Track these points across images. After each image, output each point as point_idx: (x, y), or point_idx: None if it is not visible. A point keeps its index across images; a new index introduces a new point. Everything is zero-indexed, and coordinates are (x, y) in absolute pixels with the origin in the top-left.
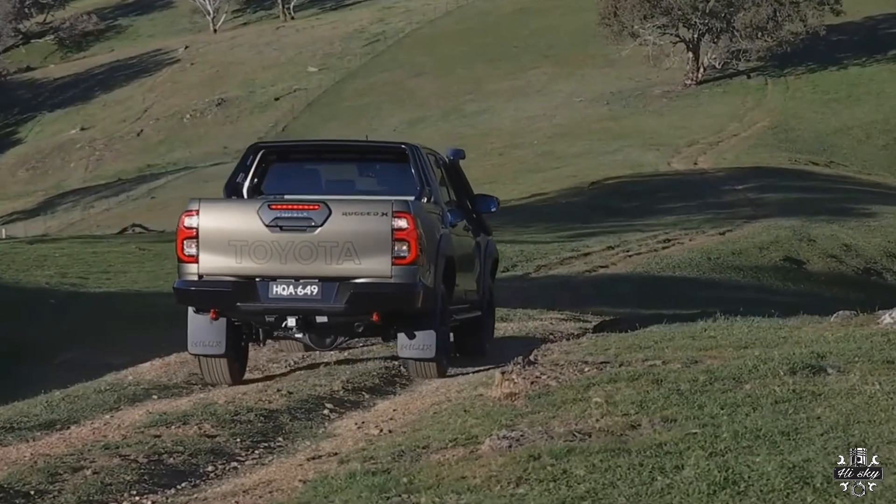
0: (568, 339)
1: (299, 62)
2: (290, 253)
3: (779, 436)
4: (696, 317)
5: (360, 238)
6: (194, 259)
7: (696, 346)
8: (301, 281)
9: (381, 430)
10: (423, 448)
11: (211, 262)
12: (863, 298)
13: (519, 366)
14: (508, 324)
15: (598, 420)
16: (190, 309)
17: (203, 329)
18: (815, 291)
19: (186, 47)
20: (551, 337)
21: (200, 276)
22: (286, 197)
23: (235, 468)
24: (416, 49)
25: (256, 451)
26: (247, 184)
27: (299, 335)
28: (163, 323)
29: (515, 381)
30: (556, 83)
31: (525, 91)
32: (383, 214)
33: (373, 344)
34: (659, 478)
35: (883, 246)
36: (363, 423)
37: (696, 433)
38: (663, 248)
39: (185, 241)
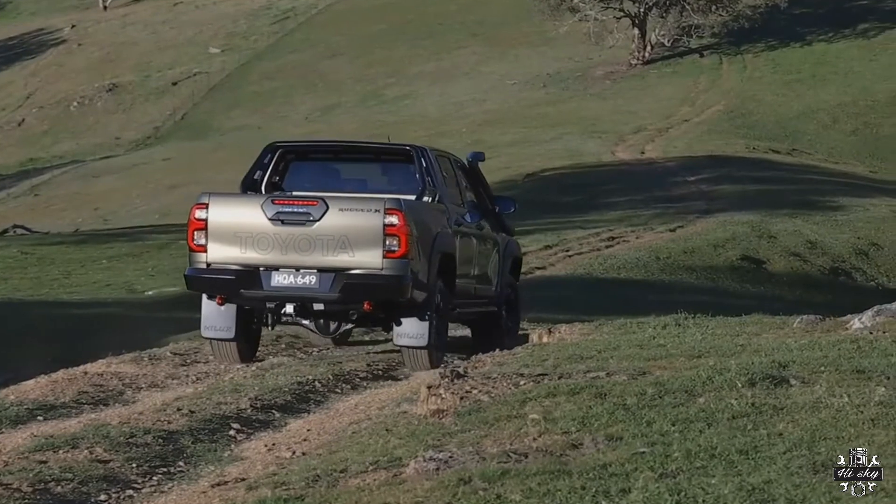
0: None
1: (200, 42)
2: (291, 245)
3: (736, 455)
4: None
5: (354, 232)
6: (203, 249)
7: (644, 356)
8: (301, 271)
9: (294, 453)
10: (341, 472)
11: (218, 252)
12: (829, 301)
13: (447, 379)
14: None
15: (535, 439)
16: (203, 295)
17: (215, 314)
18: (776, 294)
19: (73, 26)
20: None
21: (209, 265)
22: (287, 193)
23: (131, 497)
24: (330, 27)
25: (154, 478)
26: (265, 180)
27: (305, 321)
28: (48, 336)
29: (443, 396)
30: (486, 64)
31: (452, 73)
32: (376, 211)
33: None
34: (603, 502)
35: (852, 243)
36: (274, 444)
37: (644, 452)
38: (607, 246)
39: (195, 232)
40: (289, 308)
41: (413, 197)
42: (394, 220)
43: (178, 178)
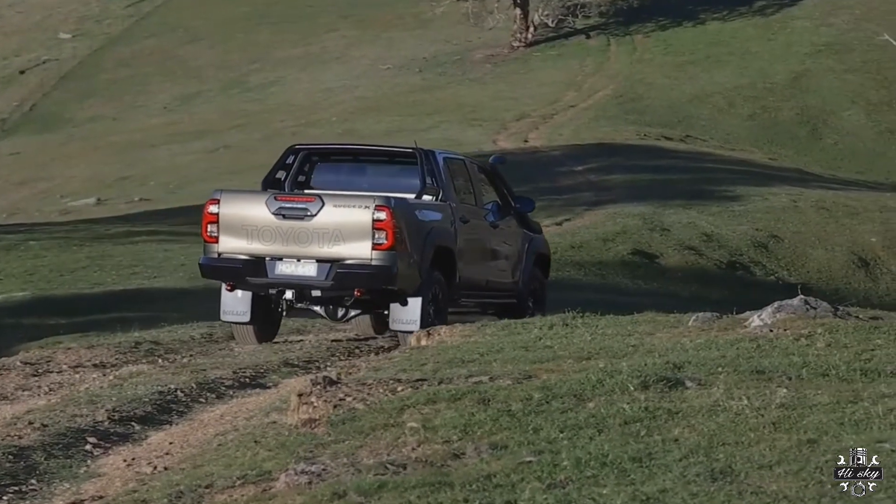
0: (377, 353)
1: (49, 27)
2: (291, 237)
3: (629, 463)
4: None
5: (347, 226)
6: (215, 240)
7: (530, 359)
8: (301, 261)
9: (156, 468)
10: (207, 487)
11: (228, 243)
12: (727, 297)
13: (319, 386)
14: (306, 336)
15: (414, 448)
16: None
17: (232, 300)
18: (670, 290)
19: None
20: (357, 351)
21: (219, 255)
22: (289, 191)
23: None
24: (189, 10)
25: (4, 497)
26: (290, 179)
27: (316, 308)
28: None
29: (315, 404)
30: (357, 48)
31: (321, 58)
32: (366, 207)
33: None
34: None
35: (750, 235)
36: (133, 459)
37: (530, 461)
38: None
39: (208, 225)
40: (288, 294)
41: (414, 195)
42: (382, 215)
43: (28, 174)
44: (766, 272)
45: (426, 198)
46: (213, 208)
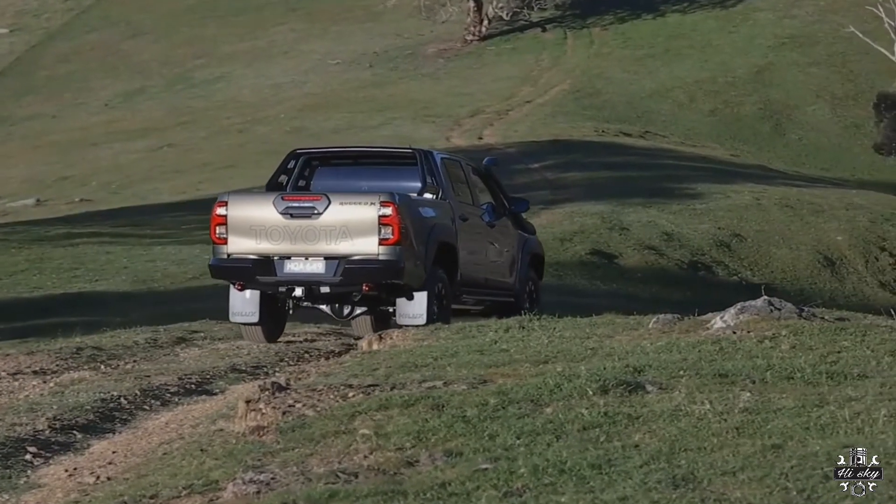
0: (327, 358)
1: None
2: (299, 235)
3: (588, 469)
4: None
5: (353, 223)
6: (224, 241)
7: (485, 363)
8: (309, 259)
9: (98, 478)
10: (151, 497)
11: (237, 244)
12: (688, 298)
13: (267, 392)
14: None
15: (366, 456)
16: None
17: (241, 301)
18: (630, 291)
19: None
20: (307, 356)
21: (229, 255)
22: (292, 190)
23: None
24: (132, 4)
25: None
26: (290, 184)
27: (323, 306)
28: None
29: (263, 411)
30: (306, 42)
31: (269, 53)
32: (372, 204)
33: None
34: None
35: (712, 234)
36: (75, 469)
37: (486, 469)
38: None
39: (217, 227)
40: (298, 291)
41: (415, 193)
42: (387, 211)
43: None
44: (729, 272)
45: (427, 196)
46: (221, 210)
